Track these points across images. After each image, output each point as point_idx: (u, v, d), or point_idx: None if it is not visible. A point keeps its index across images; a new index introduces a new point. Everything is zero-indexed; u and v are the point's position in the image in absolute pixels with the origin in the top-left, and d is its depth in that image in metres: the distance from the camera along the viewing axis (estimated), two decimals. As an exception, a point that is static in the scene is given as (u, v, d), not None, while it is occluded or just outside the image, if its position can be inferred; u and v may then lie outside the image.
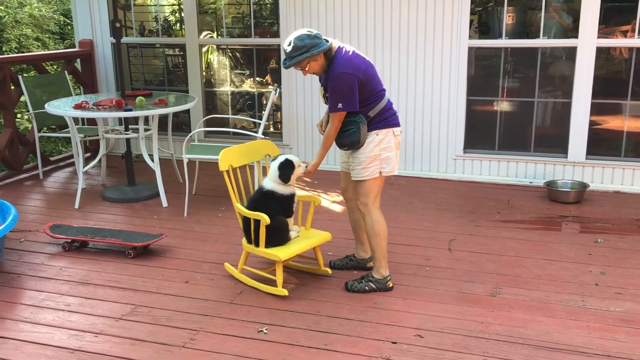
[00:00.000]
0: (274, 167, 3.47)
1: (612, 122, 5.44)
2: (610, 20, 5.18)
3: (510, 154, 5.58)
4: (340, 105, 3.25)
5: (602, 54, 5.26)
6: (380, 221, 3.43)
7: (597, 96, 5.24)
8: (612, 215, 4.70)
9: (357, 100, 3.27)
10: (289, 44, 3.25)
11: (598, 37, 5.10)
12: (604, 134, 5.46)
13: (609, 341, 2.91)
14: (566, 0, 5.44)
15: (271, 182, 3.48)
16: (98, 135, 5.40)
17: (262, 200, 3.47)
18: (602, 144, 5.41)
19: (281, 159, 3.48)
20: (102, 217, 4.78)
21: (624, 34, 5.24)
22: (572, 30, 5.31)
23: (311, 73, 3.37)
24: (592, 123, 5.30)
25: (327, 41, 3.30)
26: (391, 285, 3.48)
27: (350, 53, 3.32)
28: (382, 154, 3.35)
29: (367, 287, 3.44)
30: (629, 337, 2.95)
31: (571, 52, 5.24)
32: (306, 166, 3.53)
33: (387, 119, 3.38)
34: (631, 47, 5.19)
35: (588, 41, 5.11)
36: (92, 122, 6.02)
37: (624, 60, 5.34)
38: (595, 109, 5.28)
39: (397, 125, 3.44)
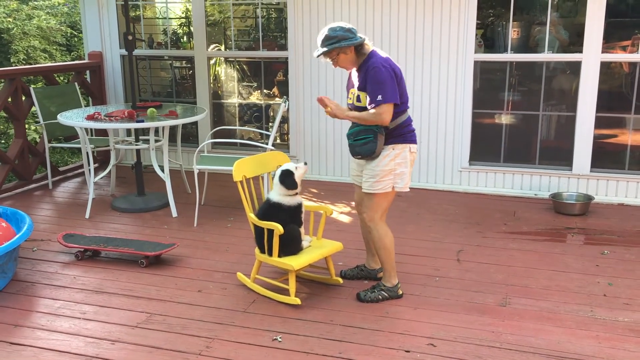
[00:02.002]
0: (276, 182, 3.53)
1: (616, 136, 5.52)
2: (611, 35, 5.26)
3: (516, 167, 5.64)
4: (380, 97, 3.21)
5: (607, 68, 5.34)
6: (387, 234, 3.47)
7: (601, 110, 5.31)
8: (617, 227, 4.76)
9: (397, 93, 3.25)
10: (322, 34, 3.30)
11: (602, 52, 5.18)
12: (608, 147, 5.53)
13: (620, 351, 2.96)
14: (563, 15, 5.54)
15: (277, 195, 3.53)
16: (107, 145, 5.46)
17: (271, 211, 3.53)
18: (606, 157, 5.48)
19: (278, 172, 3.54)
20: (113, 227, 4.83)
21: (624, 49, 5.32)
22: (569, 45, 5.40)
23: (341, 66, 3.40)
24: (596, 136, 5.37)
25: (362, 38, 3.31)
26: (401, 292, 3.54)
27: (386, 57, 3.36)
28: (397, 168, 3.37)
29: (380, 296, 3.49)
30: (639, 347, 2.99)
31: (576, 67, 5.32)
32: (305, 163, 3.59)
33: (405, 134, 3.40)
34: (635, 62, 5.28)
35: (593, 56, 5.20)
36: (100, 133, 6.09)
37: (628, 74, 5.43)
38: (600, 123, 5.36)
39: (414, 142, 3.45)
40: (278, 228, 3.36)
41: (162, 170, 5.03)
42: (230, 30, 6.47)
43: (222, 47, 6.69)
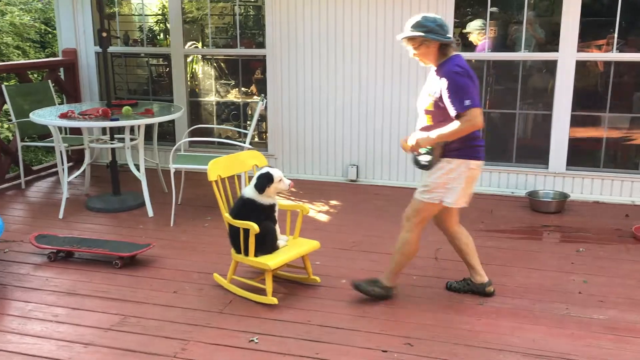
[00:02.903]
0: (255, 177, 3.51)
1: (591, 134, 5.58)
2: (586, 34, 5.31)
3: (493, 165, 5.66)
4: (468, 101, 3.04)
5: (582, 67, 5.39)
6: (412, 242, 3.40)
7: (577, 108, 5.36)
8: (592, 225, 4.81)
9: (479, 98, 3.10)
10: (414, 19, 3.18)
11: (578, 51, 5.23)
12: (584, 146, 5.59)
13: (595, 348, 2.99)
14: (540, 15, 5.58)
15: (251, 191, 3.50)
16: (81, 144, 5.37)
17: (243, 208, 3.50)
18: (582, 155, 5.54)
19: (262, 170, 3.51)
20: (87, 227, 4.75)
21: (599, 48, 5.38)
22: (545, 44, 5.44)
23: (419, 58, 3.27)
24: (572, 135, 5.42)
25: (451, 39, 3.18)
26: (395, 293, 3.51)
27: (467, 65, 3.21)
28: (449, 183, 3.22)
29: (372, 292, 3.46)
30: (614, 344, 3.02)
31: (552, 66, 5.37)
32: (290, 184, 3.53)
33: (465, 149, 3.20)
34: (609, 61, 5.34)
35: (568, 55, 5.24)
36: (75, 131, 5.98)
37: (603, 73, 5.49)
38: (575, 121, 5.41)
39: (476, 158, 3.24)
40: (254, 227, 3.33)
41: (138, 169, 4.96)
42: (207, 28, 6.41)
43: (200, 45, 6.62)
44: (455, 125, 3.10)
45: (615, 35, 5.17)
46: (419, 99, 3.38)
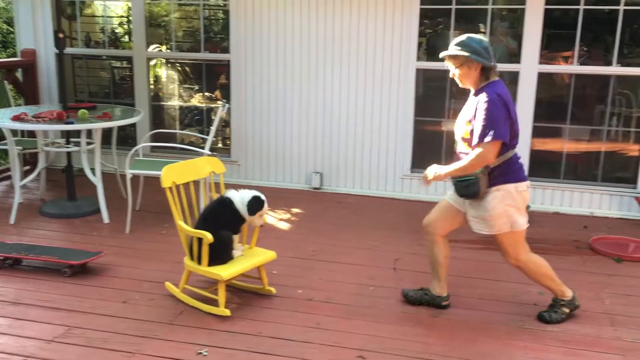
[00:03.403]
0: (249, 193, 3.45)
1: (552, 145, 5.62)
2: (552, 46, 5.37)
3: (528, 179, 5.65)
4: (491, 133, 2.96)
5: (544, 78, 5.44)
6: (541, 264, 3.34)
7: (538, 119, 5.40)
8: (551, 236, 4.83)
9: (508, 132, 3.01)
10: (460, 38, 3.11)
11: (540, 63, 5.27)
12: (545, 157, 5.63)
13: (545, 361, 2.97)
14: (511, 26, 5.62)
15: (237, 195, 3.45)
16: (36, 148, 5.21)
17: (219, 208, 3.45)
18: (542, 166, 5.57)
19: (261, 194, 3.47)
20: (39, 233, 4.60)
21: (566, 59, 5.44)
22: (518, 54, 5.48)
23: (459, 79, 3.18)
24: (533, 145, 5.45)
25: (494, 63, 3.11)
26: (577, 301, 3.42)
27: (507, 91, 3.13)
28: (508, 209, 3.14)
29: (564, 315, 3.38)
30: (566, 357, 3.02)
31: (514, 77, 5.40)
32: (261, 225, 3.51)
33: (509, 173, 3.13)
34: (571, 74, 5.39)
35: (530, 66, 5.28)
36: (31, 134, 5.81)
37: (565, 85, 5.54)
38: (537, 132, 5.44)
39: (522, 180, 3.18)
40: (207, 237, 3.24)
41: (94, 174, 4.82)
42: (171, 31, 6.30)
43: (163, 48, 6.51)
44: (469, 158, 3.07)
45: (576, 48, 5.22)
46: (456, 125, 3.29)
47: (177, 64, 6.56)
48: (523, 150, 5.37)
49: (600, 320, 3.42)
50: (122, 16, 6.81)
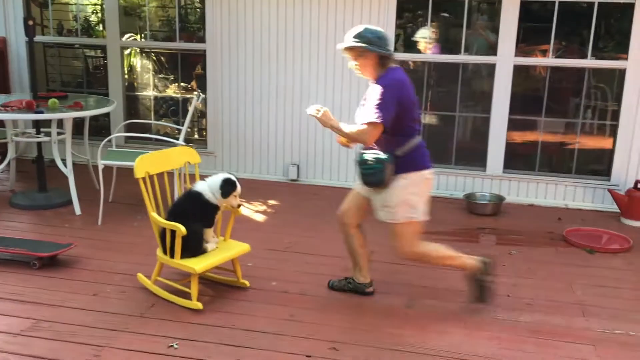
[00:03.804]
0: (218, 178, 3.40)
1: (527, 138, 5.66)
2: (530, 39, 5.38)
3: (432, 167, 5.66)
4: (375, 115, 3.01)
5: (520, 71, 5.46)
6: (435, 251, 3.31)
7: (514, 112, 5.42)
8: (526, 228, 4.86)
9: (390, 117, 3.03)
10: (354, 30, 3.12)
11: (515, 56, 5.29)
12: (520, 149, 5.67)
13: (517, 352, 2.99)
14: (490, 19, 5.62)
15: (205, 186, 3.39)
16: (5, 138, 5.09)
17: (187, 201, 3.41)
18: (518, 159, 5.61)
19: (230, 175, 3.42)
20: (9, 225, 4.50)
21: (543, 53, 5.46)
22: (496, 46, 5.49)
23: (357, 69, 3.18)
24: (509, 138, 5.48)
25: (391, 52, 3.15)
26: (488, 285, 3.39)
27: (404, 76, 3.17)
28: (412, 198, 3.15)
29: (483, 290, 3.37)
30: (537, 348, 3.03)
31: (491, 69, 5.41)
32: (239, 205, 3.44)
33: (415, 160, 3.16)
34: (547, 66, 5.42)
35: (506, 59, 5.29)
36: (1, 123, 5.67)
37: (540, 78, 5.57)
38: (513, 125, 5.47)
39: (427, 167, 3.21)
40: (180, 229, 3.19)
41: (65, 165, 4.73)
42: (146, 20, 6.20)
43: (138, 37, 6.40)
44: (356, 128, 3.11)
45: (552, 41, 5.25)
46: (358, 111, 3.29)
47: (152, 54, 6.46)
48: (499, 142, 5.42)
49: (572, 310, 3.45)
50: (95, 4, 6.68)
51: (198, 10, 6.39)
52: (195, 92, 5.32)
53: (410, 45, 5.76)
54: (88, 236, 4.32)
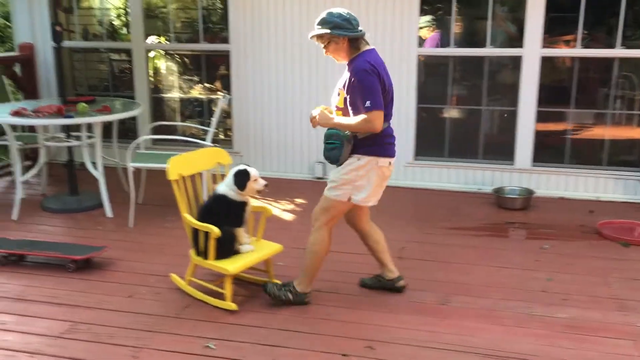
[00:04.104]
0: (230, 174, 3.42)
1: (556, 130, 5.58)
2: (554, 30, 5.30)
3: (460, 161, 5.64)
4: (369, 103, 2.96)
5: (547, 62, 5.38)
6: (322, 243, 3.28)
7: (542, 104, 5.35)
8: (557, 222, 4.80)
9: (382, 101, 3.01)
10: (320, 16, 3.11)
11: (543, 47, 5.22)
12: (549, 142, 5.59)
13: (556, 348, 2.95)
14: (511, 10, 5.55)
15: (225, 186, 3.41)
16: (37, 143, 5.17)
17: (213, 204, 3.42)
18: (547, 151, 5.53)
19: (240, 167, 3.42)
20: (42, 229, 4.57)
21: (567, 43, 5.38)
22: (517, 39, 5.42)
23: (331, 55, 3.18)
24: (537, 130, 5.41)
25: (361, 32, 3.10)
26: (308, 300, 3.37)
27: (380, 59, 3.15)
28: (357, 180, 3.15)
29: (283, 297, 3.33)
30: (575, 344, 2.99)
31: (517, 61, 5.34)
32: (266, 185, 3.42)
33: (375, 146, 3.13)
34: (574, 57, 5.34)
35: (533, 51, 5.22)
36: (32, 129, 5.76)
37: (565, 68, 5.49)
38: (541, 117, 5.40)
39: (387, 155, 3.17)
40: (214, 231, 3.21)
41: (96, 168, 4.79)
42: (170, 22, 6.24)
43: (162, 39, 6.45)
44: (356, 119, 3.05)
45: (579, 31, 5.16)
46: (333, 96, 3.29)
47: (177, 56, 6.51)
48: (527, 135, 5.35)
49: (609, 305, 3.40)
50: (119, 8, 6.74)
51: (219, 11, 6.42)
52: (221, 93, 5.34)
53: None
54: (120, 238, 4.37)
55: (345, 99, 3.13)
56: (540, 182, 5.44)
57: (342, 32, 3.06)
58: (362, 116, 3.03)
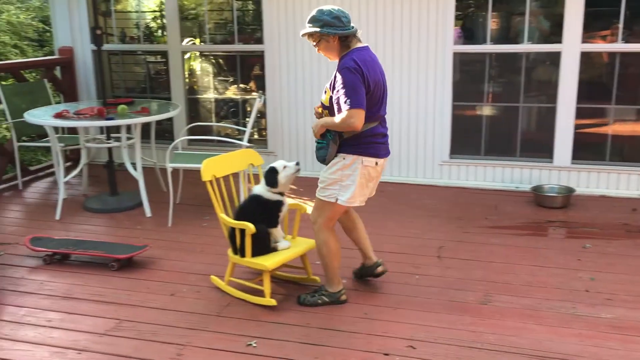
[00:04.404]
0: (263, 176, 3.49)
1: (597, 127, 5.46)
2: (590, 25, 5.19)
3: (496, 159, 5.57)
4: (347, 100, 2.96)
5: (587, 58, 5.28)
6: (329, 242, 3.28)
7: (582, 101, 5.25)
8: (598, 220, 4.70)
9: (364, 99, 2.99)
10: (311, 14, 3.11)
11: (582, 42, 5.12)
12: (589, 138, 5.48)
13: (603, 349, 2.89)
14: (544, 5, 5.46)
15: (260, 187, 3.47)
16: (79, 144, 5.29)
17: (249, 204, 3.47)
18: (587, 149, 5.42)
19: (268, 167, 3.46)
20: (84, 228, 4.67)
21: (604, 38, 5.26)
22: (550, 35, 5.33)
23: (323, 53, 3.18)
24: (577, 127, 5.31)
25: (352, 29, 3.09)
26: (345, 298, 3.38)
27: (370, 57, 3.12)
28: (343, 179, 3.15)
29: (319, 301, 3.35)
30: (622, 344, 2.93)
31: (555, 57, 5.25)
32: (296, 163, 3.44)
33: (362, 145, 3.12)
34: (614, 52, 5.22)
35: (572, 46, 5.13)
36: (72, 131, 5.90)
37: (608, 64, 5.37)
38: (580, 114, 5.29)
39: (373, 155, 3.15)
40: (249, 227, 3.24)
41: (135, 169, 4.88)
42: (205, 24, 6.31)
43: (197, 41, 6.53)
44: (337, 118, 3.05)
45: (620, 25, 5.05)
46: (323, 96, 3.30)
47: (211, 57, 6.58)
48: (567, 132, 5.26)
49: (656, 305, 3.32)
50: (155, 10, 6.84)
51: (251, 11, 6.46)
52: (257, 94, 5.38)
53: (469, 37, 5.65)
54: (160, 237, 4.43)
55: (330, 97, 3.14)
56: (580, 180, 5.33)
57: (331, 30, 3.05)
58: (342, 115, 3.01)
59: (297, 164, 3.46)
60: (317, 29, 3.07)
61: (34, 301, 3.47)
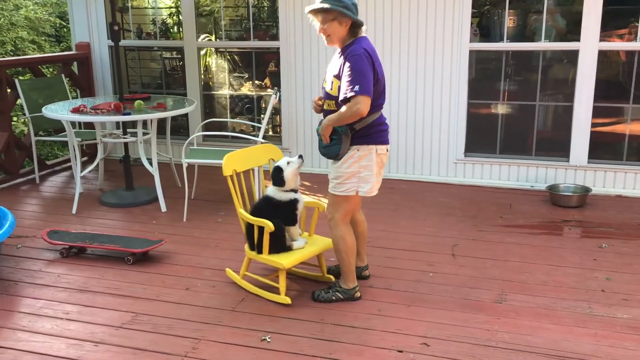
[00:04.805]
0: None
1: (613, 126, 5.42)
2: (607, 24, 5.14)
3: (512, 158, 5.54)
4: (357, 87, 2.96)
5: (604, 57, 5.23)
6: (346, 237, 3.29)
7: (598, 99, 5.20)
8: (615, 220, 4.67)
9: (372, 87, 3.00)
10: None
11: (600, 40, 5.07)
12: (606, 138, 5.44)
13: (618, 349, 2.87)
14: (561, 3, 5.42)
15: (271, 188, 3.47)
16: (95, 139, 5.34)
17: (262, 205, 3.46)
18: (604, 148, 5.38)
19: (273, 166, 3.47)
20: (100, 222, 4.72)
21: (621, 37, 5.21)
22: (567, 33, 5.28)
23: (326, 35, 3.12)
24: (594, 126, 5.27)
25: (361, 20, 3.13)
26: (359, 295, 3.39)
27: (373, 48, 3.15)
28: (361, 171, 3.16)
29: (333, 297, 3.35)
30: (638, 345, 2.91)
31: (572, 56, 5.21)
32: (300, 157, 3.42)
33: (373, 135, 3.15)
34: (632, 51, 5.17)
35: (590, 44, 5.08)
36: (89, 125, 5.96)
37: (625, 63, 5.32)
38: (597, 113, 5.25)
39: (383, 142, 3.20)
40: (269, 225, 3.25)
41: (151, 164, 4.92)
42: (220, 20, 6.34)
43: (213, 37, 6.56)
44: (344, 107, 3.04)
45: (639, 24, 4.99)
46: (324, 82, 3.27)
47: (227, 53, 6.60)
48: (583, 131, 5.22)
49: (673, 306, 3.29)
50: (171, 7, 6.88)
51: (267, 8, 6.47)
52: (272, 90, 5.39)
53: (484, 35, 5.62)
54: (175, 232, 4.47)
55: (339, 86, 3.11)
56: (596, 180, 5.29)
57: (350, 13, 3.05)
58: (348, 104, 3.01)
59: (300, 156, 3.44)
60: (339, 9, 3.04)
61: (51, 294, 3.51)
